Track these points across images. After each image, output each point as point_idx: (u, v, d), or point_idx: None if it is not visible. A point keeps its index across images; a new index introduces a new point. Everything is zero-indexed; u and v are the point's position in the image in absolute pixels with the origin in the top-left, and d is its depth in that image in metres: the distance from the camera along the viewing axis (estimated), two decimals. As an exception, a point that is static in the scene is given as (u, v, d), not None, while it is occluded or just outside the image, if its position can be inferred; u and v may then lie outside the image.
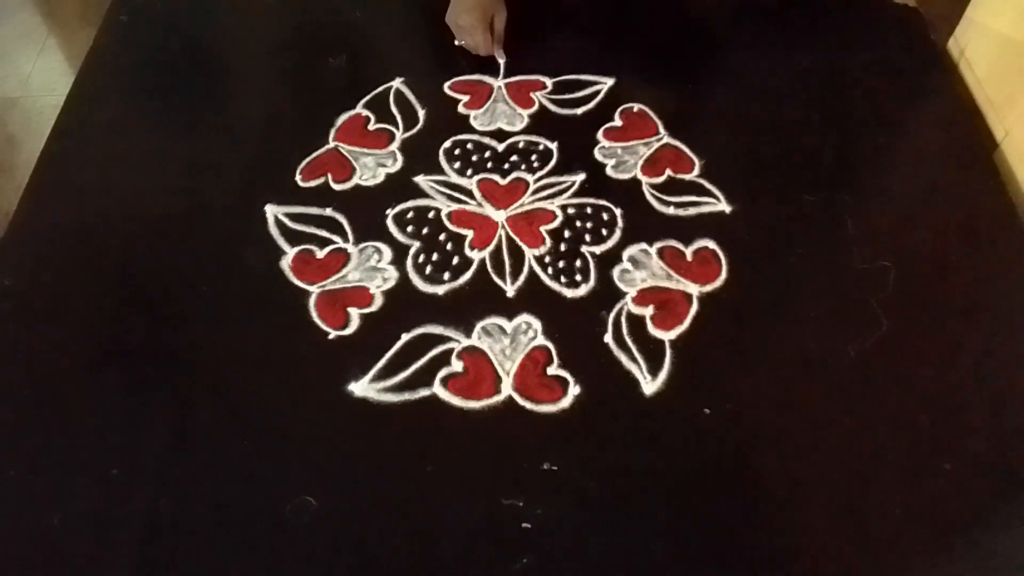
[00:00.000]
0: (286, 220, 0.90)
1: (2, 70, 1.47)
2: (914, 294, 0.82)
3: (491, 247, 0.87)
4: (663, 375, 0.77)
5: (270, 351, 0.80)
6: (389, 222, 0.89)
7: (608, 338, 0.80)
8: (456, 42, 1.03)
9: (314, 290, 0.84)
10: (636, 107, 0.99)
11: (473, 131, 0.98)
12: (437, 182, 0.93)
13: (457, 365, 0.78)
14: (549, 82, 1.02)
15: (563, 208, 0.90)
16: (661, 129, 0.97)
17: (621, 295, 0.83)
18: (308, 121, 0.98)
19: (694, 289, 0.83)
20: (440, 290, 0.84)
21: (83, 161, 0.96)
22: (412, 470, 0.73)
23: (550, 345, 0.80)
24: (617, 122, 0.98)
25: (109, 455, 0.74)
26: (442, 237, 0.88)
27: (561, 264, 0.86)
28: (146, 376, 0.79)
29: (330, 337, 0.81)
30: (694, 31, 0.99)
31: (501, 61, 1.02)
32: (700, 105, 0.97)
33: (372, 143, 0.97)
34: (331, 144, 0.96)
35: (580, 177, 0.93)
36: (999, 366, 0.78)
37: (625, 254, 0.86)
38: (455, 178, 0.93)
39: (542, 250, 0.87)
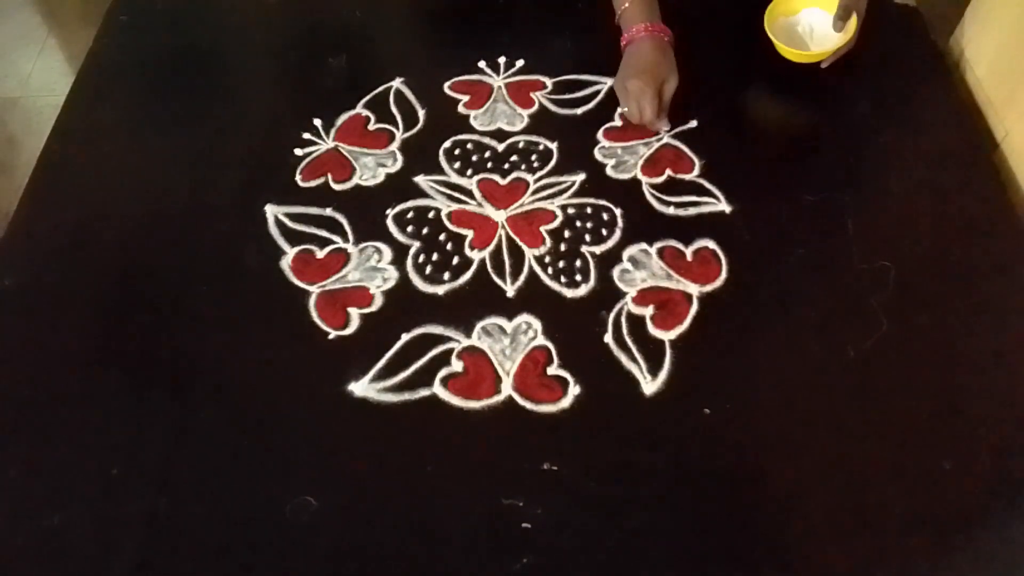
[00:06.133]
0: (286, 220, 0.90)
1: (2, 70, 1.48)
2: (914, 294, 0.82)
3: (491, 247, 0.87)
4: (663, 375, 0.77)
5: (270, 351, 0.80)
6: (389, 222, 0.89)
7: (608, 338, 0.80)
8: (619, 110, 0.96)
9: (314, 290, 0.84)
10: (636, 107, 0.99)
11: (473, 131, 0.98)
12: (437, 182, 0.93)
13: (457, 365, 0.78)
14: (549, 82, 1.02)
15: (563, 208, 0.90)
16: (661, 129, 0.97)
17: (621, 295, 0.83)
18: (308, 121, 0.98)
19: (694, 289, 0.83)
20: (440, 290, 0.84)
21: (83, 161, 0.96)
22: (412, 470, 0.73)
23: (550, 345, 0.80)
24: (617, 122, 0.98)
25: (109, 455, 0.74)
26: (442, 237, 0.88)
27: (561, 264, 0.86)
28: (146, 376, 0.79)
29: (330, 337, 0.81)
30: (693, 31, 0.99)
31: (664, 130, 0.95)
32: (700, 105, 0.97)
33: (372, 143, 0.97)
34: (331, 144, 0.96)
35: (580, 177, 0.93)
36: (999, 366, 0.78)
37: (625, 254, 0.86)
38: (455, 178, 0.93)
39: (542, 250, 0.87)
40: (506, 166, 0.94)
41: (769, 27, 0.97)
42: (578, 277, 0.85)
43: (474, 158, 0.95)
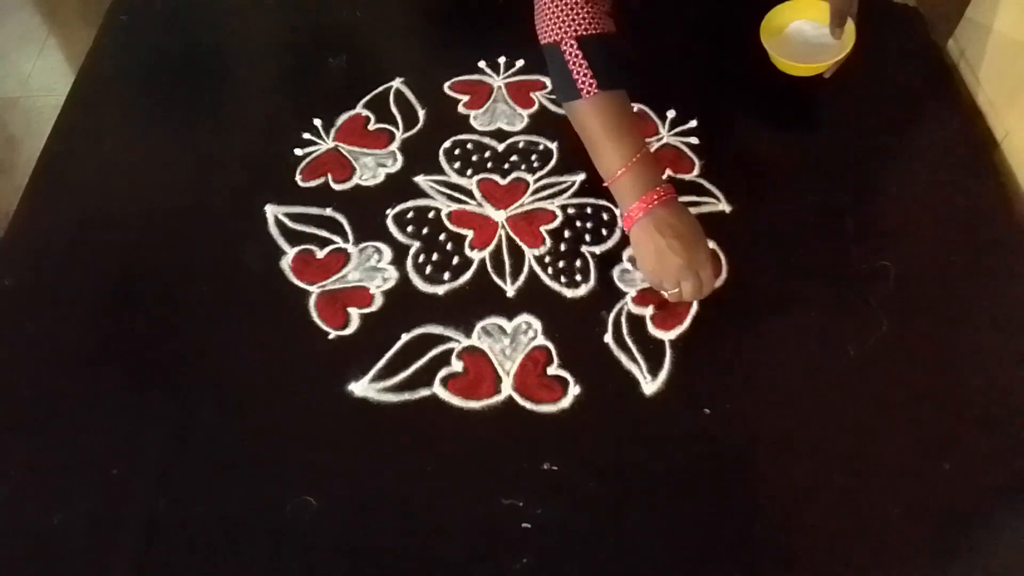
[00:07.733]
0: (286, 220, 0.90)
1: (2, 70, 1.47)
2: (914, 294, 0.82)
3: (491, 247, 0.87)
4: (663, 375, 0.77)
5: (270, 351, 0.80)
6: (389, 222, 0.89)
7: (608, 338, 0.80)
8: (669, 293, 0.80)
9: (314, 290, 0.84)
10: (636, 107, 0.99)
11: (473, 131, 0.98)
12: (437, 182, 0.93)
13: (457, 365, 0.78)
14: (549, 82, 1.02)
15: (563, 208, 0.90)
16: (661, 129, 0.97)
17: (621, 295, 0.83)
18: (308, 121, 0.98)
19: (694, 289, 0.83)
20: (440, 290, 0.84)
21: (83, 161, 0.96)
22: (412, 470, 0.73)
23: (550, 345, 0.80)
24: (617, 122, 0.97)
25: (109, 455, 0.74)
26: (442, 237, 0.88)
27: (561, 264, 0.86)
28: (146, 376, 0.79)
29: (330, 337, 0.81)
30: (693, 31, 0.99)
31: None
32: (700, 105, 0.97)
33: (372, 143, 0.97)
34: (331, 144, 0.96)
35: (580, 177, 0.93)
36: (999, 366, 0.78)
37: (625, 254, 0.86)
38: (455, 178, 0.93)
39: (542, 250, 0.87)
40: (506, 166, 0.94)
41: (767, 45, 0.96)
42: (578, 277, 0.85)
43: (474, 158, 0.95)
